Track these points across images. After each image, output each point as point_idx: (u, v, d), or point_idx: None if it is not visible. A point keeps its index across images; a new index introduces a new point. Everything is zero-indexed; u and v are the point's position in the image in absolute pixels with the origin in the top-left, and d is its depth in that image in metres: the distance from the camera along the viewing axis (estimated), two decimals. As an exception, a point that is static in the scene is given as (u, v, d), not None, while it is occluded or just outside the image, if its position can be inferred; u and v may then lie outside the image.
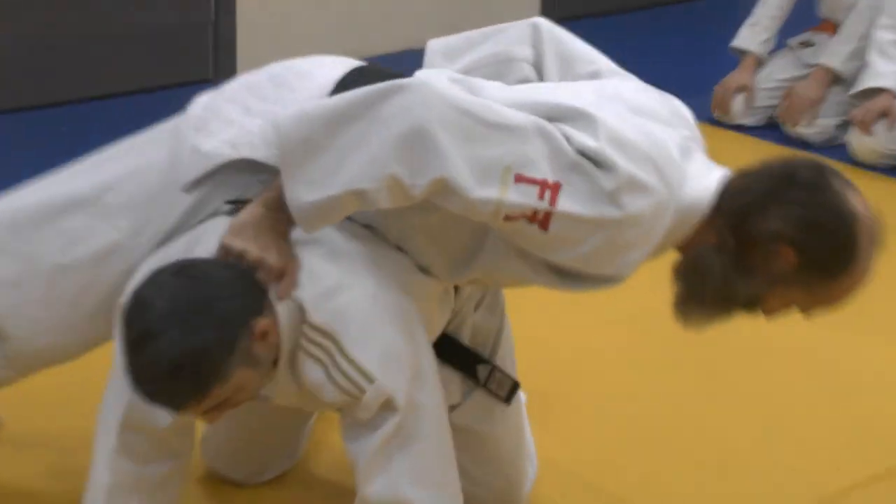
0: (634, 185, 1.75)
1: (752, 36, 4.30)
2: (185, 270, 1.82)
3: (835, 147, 4.08)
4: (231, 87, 2.03)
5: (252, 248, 1.80)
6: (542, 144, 1.76)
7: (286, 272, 1.82)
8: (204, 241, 1.89)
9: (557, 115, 1.80)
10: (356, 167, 1.73)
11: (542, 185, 1.73)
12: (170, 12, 4.63)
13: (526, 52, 2.05)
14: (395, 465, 1.87)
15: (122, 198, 2.00)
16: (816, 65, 4.18)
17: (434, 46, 2.06)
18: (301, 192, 1.77)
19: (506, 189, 1.73)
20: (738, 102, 4.22)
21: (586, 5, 5.31)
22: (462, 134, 1.73)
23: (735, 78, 4.27)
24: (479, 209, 1.74)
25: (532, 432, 2.31)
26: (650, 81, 2.04)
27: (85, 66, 4.44)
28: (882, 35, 3.91)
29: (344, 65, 2.02)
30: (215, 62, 4.75)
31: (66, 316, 2.02)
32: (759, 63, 4.31)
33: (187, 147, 1.96)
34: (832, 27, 4.26)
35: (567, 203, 1.74)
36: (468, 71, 1.98)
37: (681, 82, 3.60)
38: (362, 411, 1.84)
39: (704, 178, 1.85)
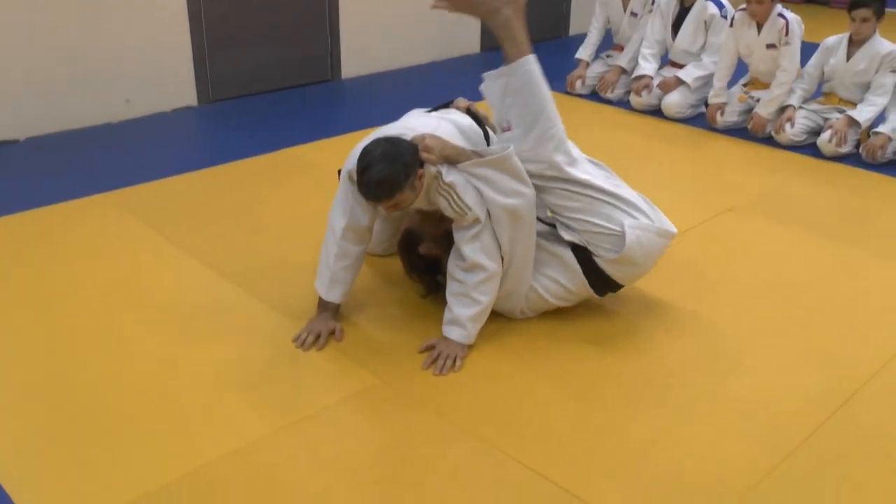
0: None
1: (584, 51, 6.42)
2: (390, 139, 2.64)
3: (621, 102, 6.03)
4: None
5: (430, 140, 2.69)
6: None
7: (431, 151, 2.68)
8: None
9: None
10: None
11: None
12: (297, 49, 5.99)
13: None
14: (476, 245, 2.77)
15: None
16: (615, 65, 6.28)
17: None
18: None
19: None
20: (578, 84, 6.26)
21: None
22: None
23: (576, 72, 6.35)
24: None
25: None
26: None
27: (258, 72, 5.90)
28: (643, 51, 5.98)
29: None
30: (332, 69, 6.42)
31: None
32: (588, 65, 6.38)
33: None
34: (621, 48, 6.39)
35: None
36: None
37: (555, 75, 5.15)
38: (464, 221, 2.73)
39: None
